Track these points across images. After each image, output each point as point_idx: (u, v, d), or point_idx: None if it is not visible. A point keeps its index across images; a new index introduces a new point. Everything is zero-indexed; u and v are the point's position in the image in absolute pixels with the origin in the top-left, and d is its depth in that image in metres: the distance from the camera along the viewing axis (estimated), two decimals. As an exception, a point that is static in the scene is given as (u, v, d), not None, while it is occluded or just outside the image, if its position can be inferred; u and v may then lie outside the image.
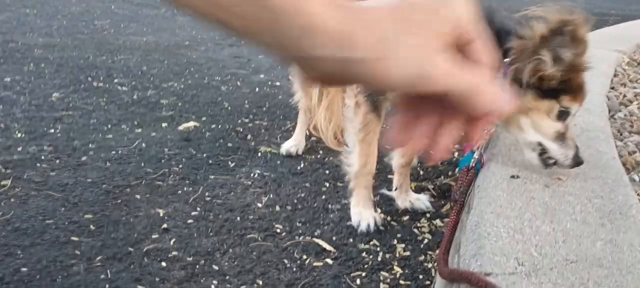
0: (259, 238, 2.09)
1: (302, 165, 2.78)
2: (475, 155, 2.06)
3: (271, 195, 2.43)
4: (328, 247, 2.05)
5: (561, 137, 1.92)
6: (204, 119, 3.30)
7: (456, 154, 2.94)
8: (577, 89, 1.92)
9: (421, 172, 2.72)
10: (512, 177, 1.91)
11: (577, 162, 1.91)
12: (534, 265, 1.39)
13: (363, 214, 2.21)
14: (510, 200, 1.73)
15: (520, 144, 2.00)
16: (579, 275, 1.37)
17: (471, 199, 1.84)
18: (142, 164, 2.62)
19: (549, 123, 1.91)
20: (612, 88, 3.40)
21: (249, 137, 3.08)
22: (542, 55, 1.80)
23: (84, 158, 2.63)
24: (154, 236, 2.05)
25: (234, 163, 2.73)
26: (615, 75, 3.73)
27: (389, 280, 1.87)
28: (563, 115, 1.91)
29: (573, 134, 1.97)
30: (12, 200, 2.20)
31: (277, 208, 2.33)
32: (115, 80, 3.93)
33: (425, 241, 2.12)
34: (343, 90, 2.46)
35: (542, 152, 1.92)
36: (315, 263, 1.95)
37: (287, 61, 0.55)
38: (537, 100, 1.88)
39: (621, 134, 2.63)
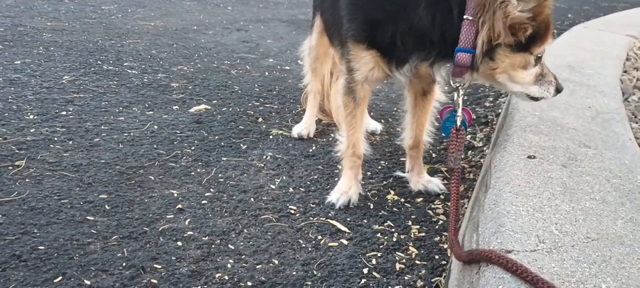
0: (274, 219, 2.09)
1: (313, 147, 2.77)
2: (459, 113, 2.05)
3: (284, 177, 2.43)
4: (343, 228, 2.05)
5: (539, 78, 1.99)
6: (214, 101, 3.29)
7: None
8: (545, 31, 1.91)
9: (434, 155, 2.71)
10: (529, 157, 1.90)
11: (559, 90, 2.05)
12: (555, 242, 1.39)
13: (342, 191, 2.22)
14: (527, 179, 1.73)
15: (508, 92, 2.10)
16: (601, 252, 1.36)
17: (488, 178, 1.84)
18: (155, 146, 2.62)
19: (525, 74, 1.95)
20: (625, 72, 3.38)
21: (260, 120, 3.08)
22: None
23: (96, 139, 2.63)
24: (168, 216, 2.05)
25: (245, 146, 2.72)
26: (627, 59, 3.70)
27: (404, 260, 1.87)
28: (537, 60, 1.96)
29: (546, 66, 2.03)
30: (26, 180, 2.20)
31: (291, 189, 2.32)
32: (125, 64, 3.92)
33: (440, 222, 2.12)
34: None
35: (528, 96, 2.02)
36: (331, 244, 1.94)
37: None
38: (510, 56, 1.88)
39: (636, 116, 2.61)
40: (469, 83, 2.03)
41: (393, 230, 2.05)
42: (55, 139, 2.59)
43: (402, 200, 2.28)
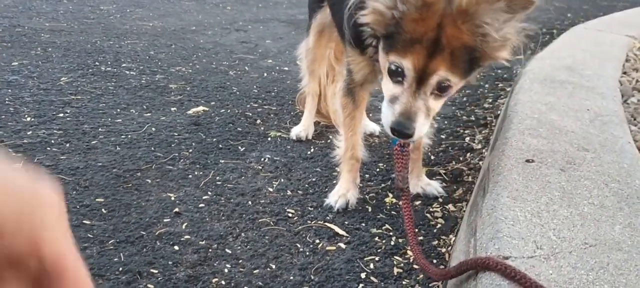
0: (271, 223, 2.08)
1: (312, 150, 2.76)
2: None
3: (282, 180, 2.42)
4: (341, 232, 2.04)
5: (393, 98, 1.67)
6: (212, 103, 3.28)
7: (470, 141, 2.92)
8: (413, 42, 1.55)
9: (433, 158, 2.70)
10: (527, 161, 1.89)
11: (392, 127, 1.67)
12: (553, 248, 1.38)
13: (340, 194, 2.21)
14: (526, 184, 1.72)
15: None
16: (599, 258, 1.35)
17: (486, 183, 1.83)
18: (152, 148, 2.61)
19: (384, 81, 1.71)
20: (624, 73, 3.37)
21: (258, 121, 3.07)
22: None
23: (93, 142, 2.63)
24: (165, 220, 2.04)
25: (244, 148, 2.71)
26: (627, 60, 3.69)
27: (402, 265, 1.86)
28: (394, 73, 1.64)
29: (415, 103, 1.64)
30: (23, 183, 2.19)
31: (289, 192, 2.31)
32: (123, 65, 3.91)
33: (438, 226, 2.11)
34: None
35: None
36: (328, 248, 1.94)
37: None
38: (379, 53, 1.72)
39: (635, 119, 2.60)
40: None
41: (391, 233, 2.05)
42: (52, 141, 2.59)
43: (401, 203, 2.27)
